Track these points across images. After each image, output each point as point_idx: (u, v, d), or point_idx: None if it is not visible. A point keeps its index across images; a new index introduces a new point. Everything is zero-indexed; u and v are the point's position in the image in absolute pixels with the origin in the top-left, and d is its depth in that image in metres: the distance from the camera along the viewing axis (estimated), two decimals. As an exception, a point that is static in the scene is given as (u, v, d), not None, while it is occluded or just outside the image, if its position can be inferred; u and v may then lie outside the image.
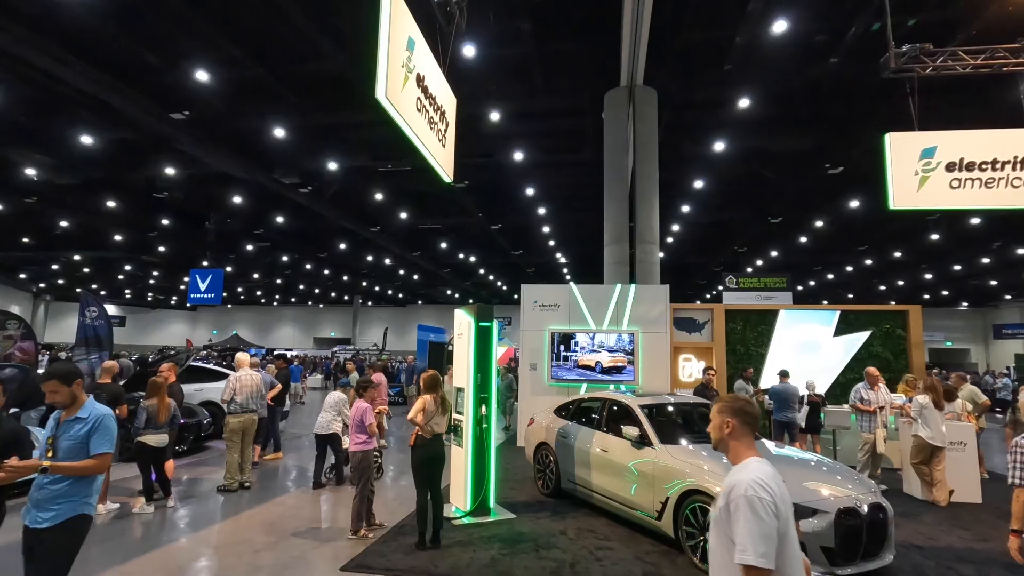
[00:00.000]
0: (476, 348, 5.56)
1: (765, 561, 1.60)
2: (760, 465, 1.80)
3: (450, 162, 6.43)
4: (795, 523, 2.18)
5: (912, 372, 8.96)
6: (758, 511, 1.64)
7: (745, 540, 1.63)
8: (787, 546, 1.69)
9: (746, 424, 1.87)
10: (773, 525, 1.64)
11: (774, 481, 1.74)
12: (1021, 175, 6.86)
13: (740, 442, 1.88)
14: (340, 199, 18.31)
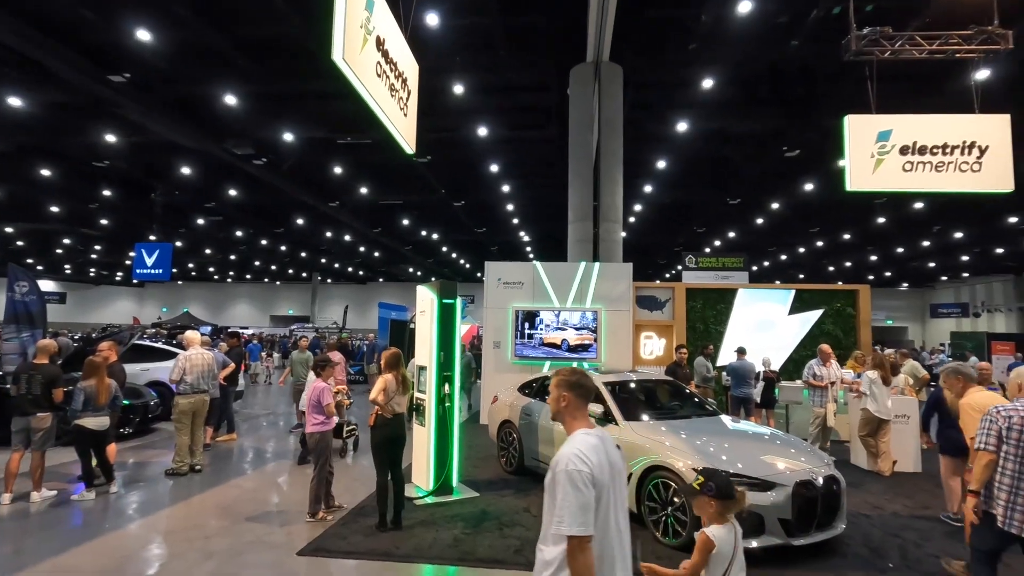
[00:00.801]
0: (439, 326, 5.42)
1: (582, 530, 1.72)
2: (585, 437, 1.88)
3: (412, 133, 6.18)
4: (742, 495, 2.33)
5: (860, 349, 9.35)
6: (576, 483, 1.74)
7: (563, 511, 1.74)
8: (601, 512, 1.80)
9: (580, 397, 1.96)
10: (590, 495, 1.75)
11: (596, 452, 1.83)
12: (968, 160, 7.12)
13: (573, 415, 1.96)
14: (297, 172, 17.59)
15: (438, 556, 3.98)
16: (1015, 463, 2.93)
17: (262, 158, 16.05)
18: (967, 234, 23.45)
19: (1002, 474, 2.97)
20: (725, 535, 2.28)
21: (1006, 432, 3.00)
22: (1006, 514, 2.91)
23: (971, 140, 7.12)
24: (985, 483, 3.03)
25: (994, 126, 7.15)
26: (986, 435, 3.06)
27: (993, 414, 3.08)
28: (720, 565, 2.25)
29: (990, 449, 3.02)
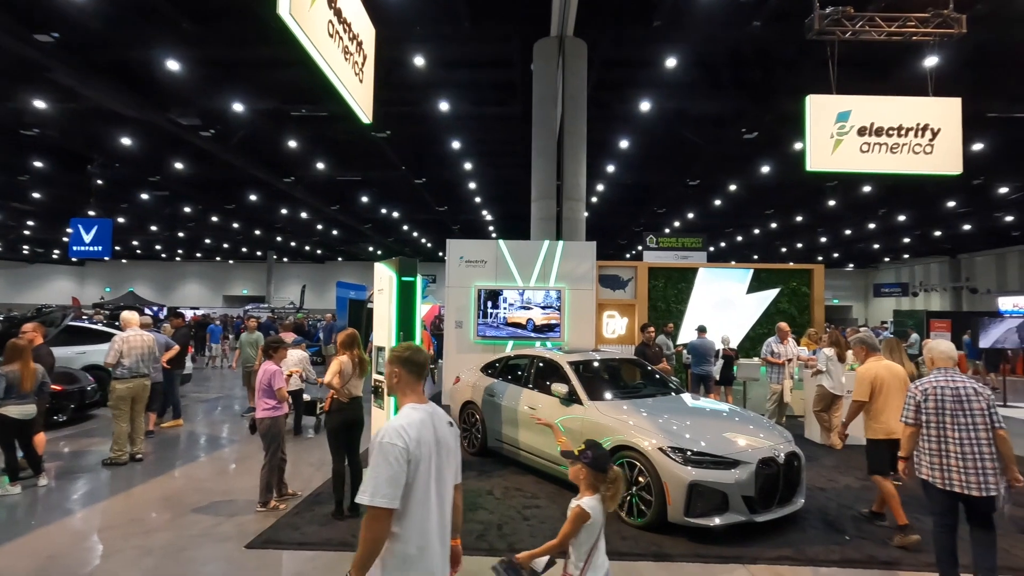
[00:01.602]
0: (398, 305, 5.18)
1: (384, 501, 1.76)
2: (411, 412, 1.92)
3: (368, 101, 5.83)
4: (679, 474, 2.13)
5: (814, 327, 9.62)
6: (388, 457, 1.78)
7: (368, 481, 1.78)
8: (419, 487, 1.84)
9: (411, 373, 1.99)
10: (401, 470, 1.79)
11: (418, 428, 1.87)
12: (921, 142, 7.29)
13: (404, 390, 2.00)
14: (249, 145, 16.71)
15: (397, 544, 3.82)
16: (937, 429, 3.22)
17: (209, 129, 15.15)
18: (909, 217, 24.55)
19: (927, 440, 3.26)
20: (597, 506, 2.35)
21: (923, 403, 3.29)
22: (944, 476, 3.17)
23: (925, 123, 7.29)
24: (911, 451, 3.35)
25: (946, 109, 7.34)
26: (907, 409, 3.37)
27: (912, 390, 3.38)
28: (591, 535, 2.31)
29: (910, 422, 3.33)
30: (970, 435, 3.15)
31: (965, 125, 15.14)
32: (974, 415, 3.18)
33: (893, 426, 4.06)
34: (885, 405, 4.21)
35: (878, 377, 4.31)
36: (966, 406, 3.19)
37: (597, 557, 2.31)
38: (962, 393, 3.22)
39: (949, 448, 3.18)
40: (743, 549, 3.81)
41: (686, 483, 3.88)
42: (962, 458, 3.14)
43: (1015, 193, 19.48)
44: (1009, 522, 4.16)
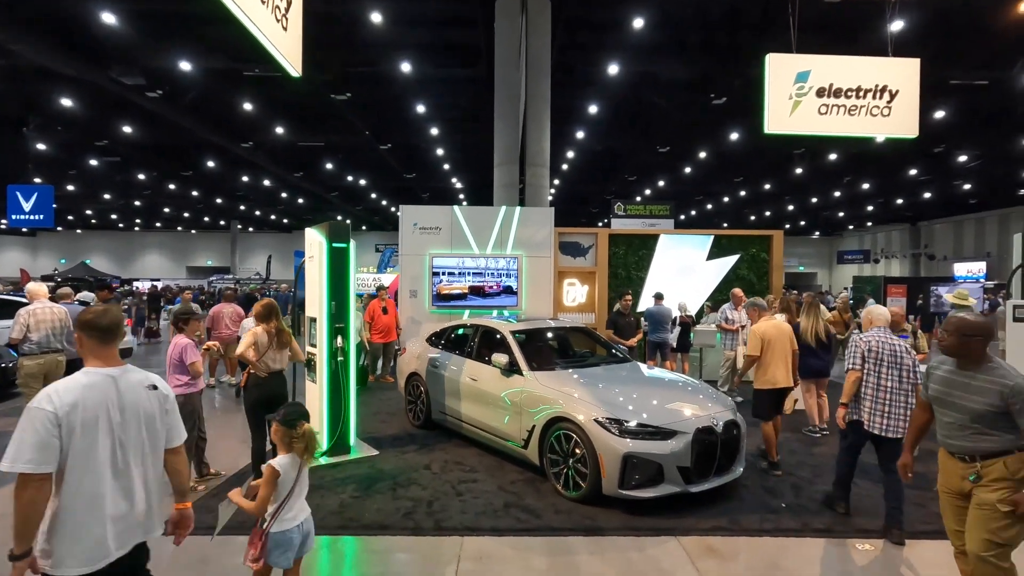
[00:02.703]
0: (329, 272, 4.88)
1: (30, 467, 1.71)
2: (79, 377, 1.88)
3: (296, 52, 5.34)
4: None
5: (772, 293, 9.62)
6: (34, 422, 1.74)
7: (11, 447, 1.72)
8: (80, 456, 1.80)
9: (91, 337, 1.94)
10: (49, 435, 1.75)
11: (79, 392, 1.82)
12: (879, 104, 7.14)
13: (86, 354, 1.95)
14: (201, 107, 15.79)
15: (318, 525, 3.57)
16: (876, 378, 3.66)
17: (156, 90, 14.19)
18: (872, 185, 24.87)
19: (865, 387, 3.68)
20: (288, 463, 2.44)
21: (866, 354, 3.69)
22: (870, 418, 3.66)
23: (883, 84, 7.12)
24: (851, 396, 3.72)
25: (905, 70, 7.18)
26: (853, 357, 3.75)
27: (858, 341, 3.77)
28: (282, 491, 2.41)
29: (857, 367, 3.70)
30: (899, 386, 3.63)
31: (927, 93, 15.15)
32: (903, 369, 3.66)
33: (778, 377, 4.68)
34: (772, 359, 4.69)
35: (767, 334, 4.74)
36: (898, 361, 3.66)
37: (286, 512, 2.41)
38: (897, 350, 3.69)
39: (880, 395, 3.64)
40: (678, 520, 3.72)
41: (620, 454, 3.75)
42: (890, 404, 3.62)
43: (973, 162, 19.79)
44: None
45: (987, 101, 14.90)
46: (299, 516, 2.48)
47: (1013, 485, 2.38)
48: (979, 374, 2.47)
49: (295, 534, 2.44)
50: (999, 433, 2.42)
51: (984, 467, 2.45)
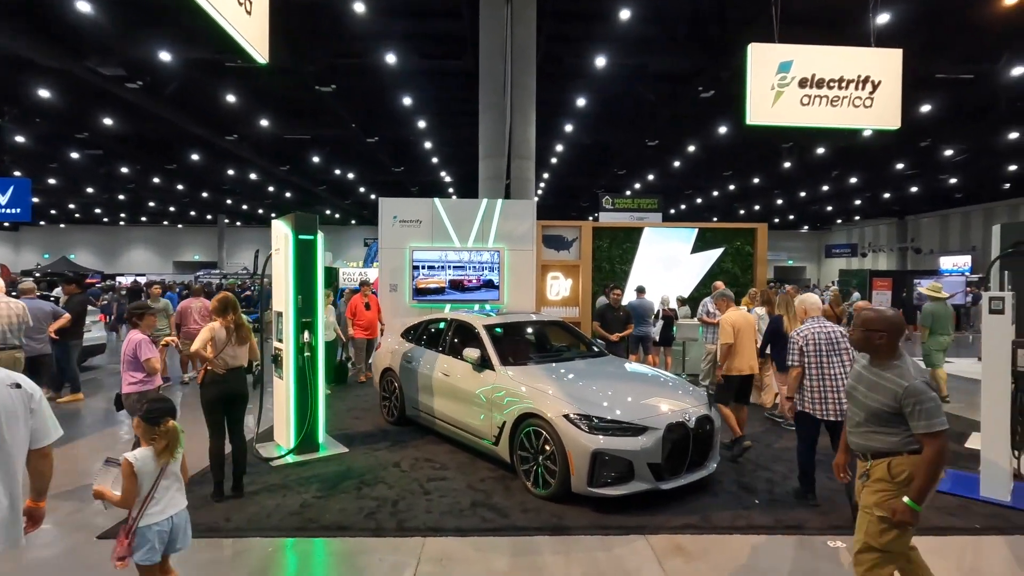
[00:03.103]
0: (296, 265, 4.73)
1: None
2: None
3: (262, 37, 5.16)
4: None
5: (756, 286, 9.56)
6: None
7: None
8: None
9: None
10: None
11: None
12: (862, 95, 7.06)
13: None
14: (183, 99, 15.51)
15: (275, 527, 3.49)
16: (818, 368, 3.82)
17: (136, 81, 13.90)
18: (860, 179, 24.92)
19: (809, 379, 3.84)
20: (147, 455, 2.37)
21: (804, 347, 3.86)
22: (822, 407, 3.80)
23: (865, 75, 7.04)
24: (795, 390, 3.90)
25: (887, 61, 7.10)
26: (792, 353, 3.90)
27: (794, 336, 3.94)
28: (145, 486, 2.35)
29: (795, 364, 3.87)
30: (842, 371, 3.81)
31: (913, 86, 15.17)
32: (842, 354, 3.85)
33: (743, 365, 4.92)
34: (739, 348, 4.92)
35: (736, 324, 4.96)
36: (836, 347, 3.86)
37: (152, 506, 2.35)
38: (833, 337, 3.89)
39: (826, 383, 3.80)
40: (648, 518, 3.63)
41: (589, 451, 3.66)
42: (836, 391, 3.77)
43: (959, 156, 19.85)
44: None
45: (972, 95, 14.92)
46: (168, 510, 2.38)
47: (892, 488, 2.28)
48: (884, 371, 2.36)
49: (163, 527, 2.35)
50: (890, 433, 2.32)
51: (872, 466, 2.37)
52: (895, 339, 2.39)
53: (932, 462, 2.20)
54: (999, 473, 3.94)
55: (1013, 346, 3.93)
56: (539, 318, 6.02)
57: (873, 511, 2.31)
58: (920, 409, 2.21)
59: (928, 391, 2.25)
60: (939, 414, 2.22)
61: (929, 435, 2.21)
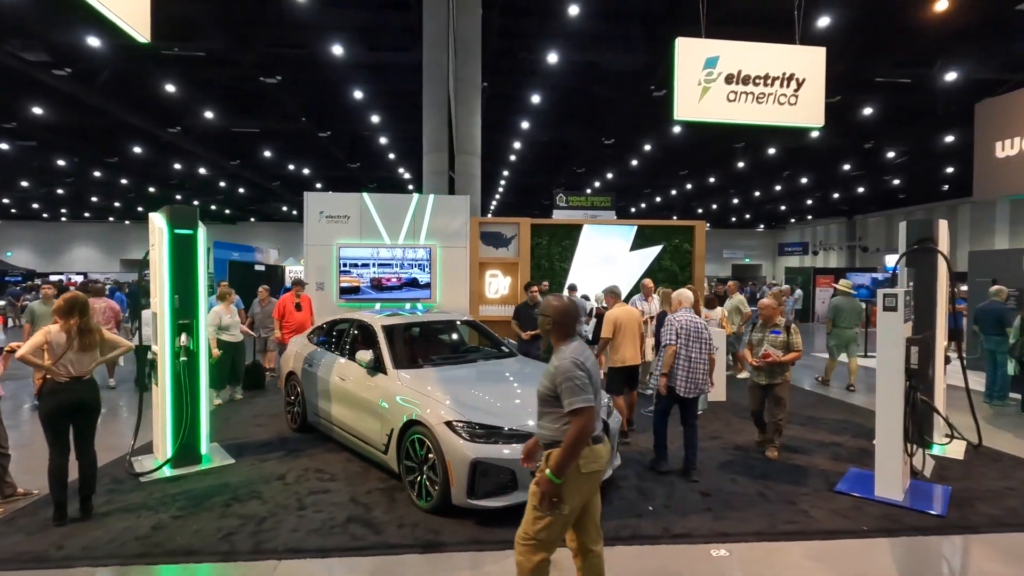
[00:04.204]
0: (171, 262, 4.36)
1: None
2: None
3: (142, 15, 4.76)
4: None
5: (694, 283, 9.54)
6: None
7: None
8: None
9: None
10: None
11: None
12: (787, 92, 7.05)
13: None
14: (118, 88, 14.70)
15: (113, 554, 3.13)
16: (687, 351, 4.43)
17: (64, 68, 13.09)
18: (810, 180, 25.52)
19: (678, 359, 4.44)
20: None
21: (679, 331, 4.45)
22: (685, 385, 4.42)
23: (791, 72, 7.04)
24: (670, 367, 4.45)
25: (811, 59, 7.11)
26: (668, 335, 4.49)
27: (672, 321, 4.52)
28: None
29: (673, 342, 4.46)
30: (700, 356, 4.45)
31: (856, 90, 15.44)
32: (703, 342, 4.48)
33: (627, 356, 5.24)
34: (622, 341, 5.24)
35: (618, 319, 5.27)
36: (700, 335, 4.48)
37: None
38: (698, 326, 4.52)
39: (690, 365, 4.42)
40: (529, 530, 3.41)
41: (469, 461, 3.42)
42: (694, 371, 4.42)
43: (900, 158, 20.47)
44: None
45: (911, 99, 15.32)
46: None
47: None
48: (553, 357, 2.41)
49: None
50: (552, 419, 2.35)
51: (543, 457, 2.40)
52: (560, 325, 2.43)
53: (572, 436, 2.22)
54: (893, 472, 3.88)
55: (907, 343, 3.87)
56: (449, 318, 5.76)
57: (530, 499, 2.35)
58: (566, 387, 2.24)
59: (575, 370, 2.26)
60: (581, 392, 2.23)
61: (572, 412, 2.23)
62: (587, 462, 2.30)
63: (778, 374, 4.85)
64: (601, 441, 2.38)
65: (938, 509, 3.72)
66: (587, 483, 2.34)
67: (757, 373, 4.97)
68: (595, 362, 2.44)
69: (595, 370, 2.37)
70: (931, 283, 4.85)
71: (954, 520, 3.62)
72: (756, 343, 5.01)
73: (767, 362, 4.81)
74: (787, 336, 4.83)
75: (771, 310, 4.97)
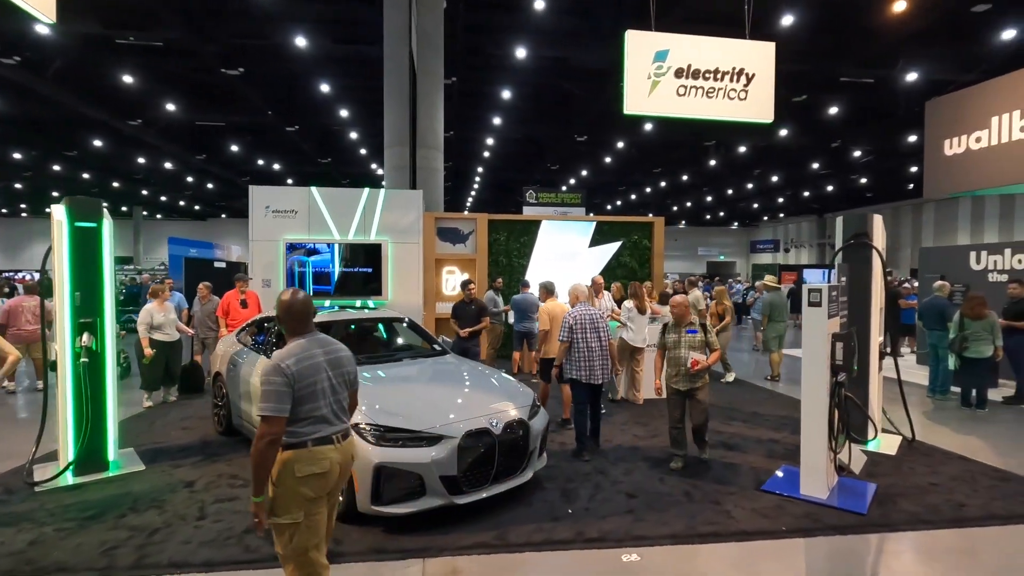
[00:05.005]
0: (72, 256, 4.10)
1: None
2: None
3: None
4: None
5: (652, 280, 9.49)
6: None
7: None
8: None
9: None
10: None
11: None
12: (737, 87, 7.00)
13: None
14: (73, 78, 14.21)
15: (-22, 571, 2.91)
16: (586, 343, 4.69)
17: (13, 56, 12.58)
18: (781, 178, 25.78)
19: (579, 352, 4.69)
20: None
21: (573, 326, 4.71)
22: (589, 374, 4.68)
23: (740, 67, 6.98)
24: (563, 360, 4.76)
25: (761, 54, 7.06)
26: (563, 331, 4.76)
27: (567, 318, 4.79)
28: None
29: (565, 339, 4.74)
30: (598, 345, 4.71)
31: (821, 90, 15.53)
32: (600, 332, 4.72)
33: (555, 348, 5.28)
34: (555, 334, 5.42)
35: (553, 314, 5.63)
36: (596, 327, 4.74)
37: None
38: (594, 318, 4.77)
39: (591, 355, 4.68)
40: (438, 538, 3.26)
41: (372, 465, 3.25)
42: (594, 360, 4.68)
43: (866, 157, 20.75)
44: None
45: (875, 99, 15.51)
46: None
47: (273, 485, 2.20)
48: None
49: None
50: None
51: None
52: (284, 320, 2.34)
53: (253, 446, 2.09)
54: (818, 470, 3.82)
55: (832, 339, 3.80)
56: (382, 315, 5.58)
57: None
58: (261, 390, 2.12)
59: (273, 374, 2.12)
60: (270, 399, 2.10)
61: (261, 418, 2.10)
62: (302, 465, 2.15)
63: (699, 377, 4.43)
64: (329, 443, 2.23)
65: (860, 507, 3.66)
66: (307, 489, 2.16)
67: (676, 379, 4.47)
68: (320, 365, 2.29)
69: (311, 373, 2.22)
70: (866, 278, 4.81)
71: (874, 518, 3.56)
72: (672, 345, 4.51)
73: (698, 369, 4.35)
74: (705, 335, 4.45)
75: (683, 308, 4.54)
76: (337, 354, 2.39)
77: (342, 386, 2.37)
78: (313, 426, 2.20)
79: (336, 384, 2.33)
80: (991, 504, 3.80)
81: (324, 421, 2.25)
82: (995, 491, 4.03)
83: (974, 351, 6.05)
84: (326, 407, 2.27)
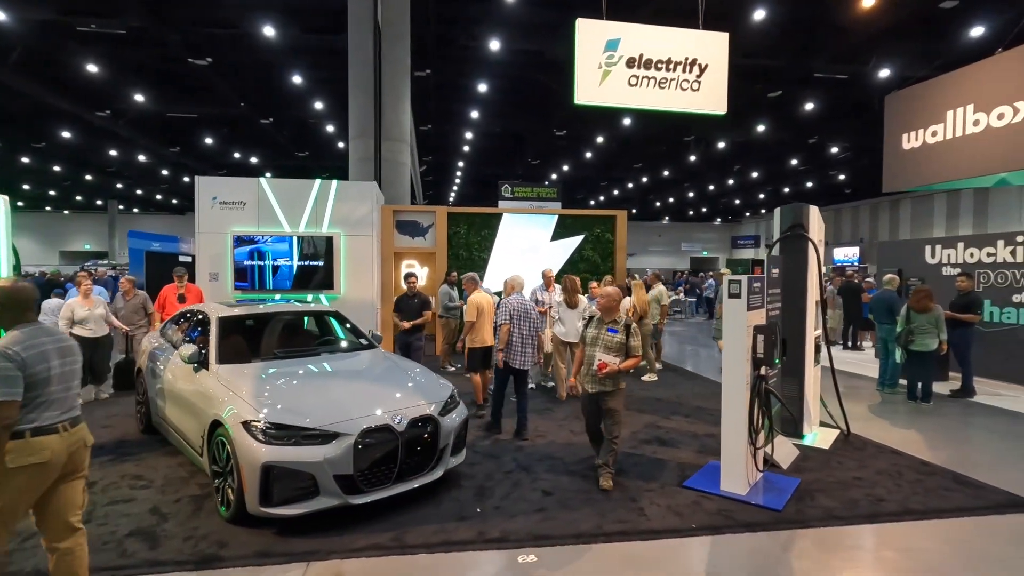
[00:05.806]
0: (-37, 247, 3.90)
1: None
2: None
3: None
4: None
5: (614, 274, 9.39)
6: None
7: None
8: None
9: None
10: None
11: None
12: (690, 78, 6.87)
13: None
14: (35, 68, 13.84)
15: None
16: (518, 330, 5.11)
17: (-33, 45, 12.20)
18: (761, 174, 25.82)
19: (511, 337, 5.09)
20: None
21: (511, 312, 5.11)
22: (520, 359, 5.11)
23: (693, 57, 6.85)
24: (505, 343, 5.07)
25: (714, 44, 6.93)
26: (502, 315, 5.14)
27: (504, 304, 5.19)
28: None
29: (506, 322, 5.10)
30: (528, 334, 5.16)
31: (796, 85, 15.46)
32: (531, 322, 5.21)
33: (485, 337, 5.65)
34: (482, 324, 5.65)
35: (479, 304, 5.67)
36: (528, 316, 5.18)
37: None
38: (527, 308, 5.21)
39: (521, 341, 5.11)
40: (332, 540, 3.11)
41: (259, 464, 3.10)
42: (523, 347, 5.12)
43: (843, 153, 20.80)
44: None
45: (849, 95, 15.50)
46: None
47: None
48: None
49: None
50: None
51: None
52: (7, 312, 2.35)
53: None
54: (737, 465, 3.72)
55: (753, 331, 3.70)
56: (305, 308, 5.41)
57: None
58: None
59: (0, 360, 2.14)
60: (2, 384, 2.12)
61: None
62: (16, 456, 2.15)
63: (609, 382, 3.83)
64: (54, 432, 2.26)
65: (777, 504, 3.57)
66: (21, 479, 2.18)
67: (587, 378, 3.94)
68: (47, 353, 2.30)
69: (39, 360, 2.24)
70: (801, 270, 4.72)
71: (789, 515, 3.46)
72: (589, 341, 3.94)
73: (604, 373, 3.76)
74: (626, 337, 3.82)
75: (610, 301, 3.93)
76: (66, 343, 2.44)
77: (71, 374, 2.41)
78: (34, 413, 2.22)
79: (66, 372, 2.37)
80: (910, 499, 3.73)
81: (49, 408, 2.27)
82: (917, 486, 3.95)
83: (919, 344, 6.00)
84: (54, 394, 2.29)
